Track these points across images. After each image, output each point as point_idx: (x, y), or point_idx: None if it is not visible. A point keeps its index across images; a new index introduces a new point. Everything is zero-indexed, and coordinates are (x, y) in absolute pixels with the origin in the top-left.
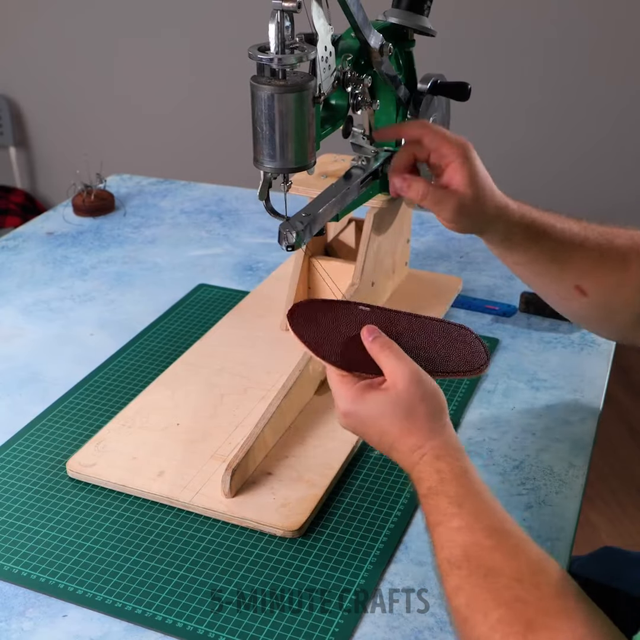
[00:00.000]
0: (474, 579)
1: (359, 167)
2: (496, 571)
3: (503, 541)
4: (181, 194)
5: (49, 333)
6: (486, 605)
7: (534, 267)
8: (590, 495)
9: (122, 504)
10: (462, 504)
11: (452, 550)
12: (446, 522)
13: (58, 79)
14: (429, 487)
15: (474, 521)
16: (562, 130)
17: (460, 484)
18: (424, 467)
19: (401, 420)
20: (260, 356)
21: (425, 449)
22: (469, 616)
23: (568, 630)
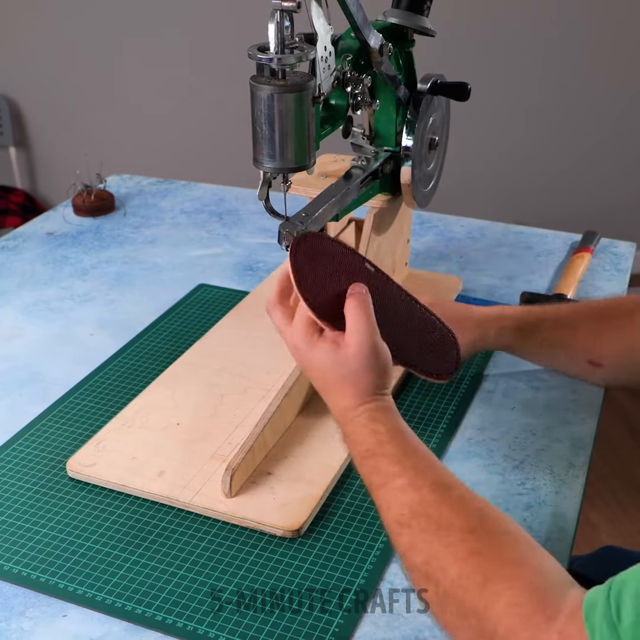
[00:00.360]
0: (426, 536)
1: (358, 167)
2: (447, 525)
3: (447, 494)
4: (181, 194)
5: (49, 333)
6: (444, 561)
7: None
8: (590, 495)
9: (122, 504)
10: (402, 462)
11: (399, 509)
12: (389, 483)
13: (58, 79)
14: (367, 449)
15: (416, 478)
16: (562, 130)
17: (398, 444)
18: (359, 428)
19: (342, 381)
20: (260, 356)
21: (360, 410)
22: (429, 573)
23: (524, 577)
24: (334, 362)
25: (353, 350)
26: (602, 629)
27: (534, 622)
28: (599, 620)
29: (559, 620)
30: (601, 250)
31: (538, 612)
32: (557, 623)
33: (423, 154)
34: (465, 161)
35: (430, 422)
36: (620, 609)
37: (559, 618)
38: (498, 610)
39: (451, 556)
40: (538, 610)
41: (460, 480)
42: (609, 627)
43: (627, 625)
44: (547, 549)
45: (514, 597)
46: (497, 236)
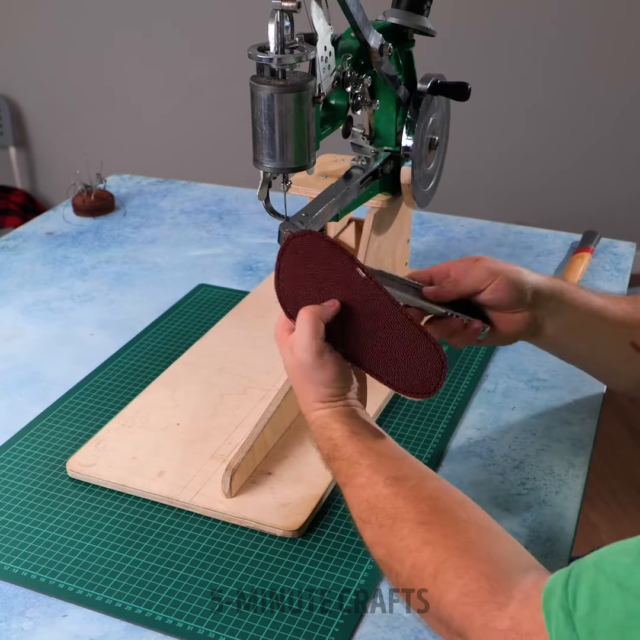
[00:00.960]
0: (384, 530)
1: (359, 167)
2: (401, 517)
3: (401, 487)
4: (181, 194)
5: (49, 333)
6: (400, 553)
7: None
8: (590, 495)
9: (122, 504)
10: (359, 462)
11: (360, 506)
12: (350, 482)
13: (58, 79)
14: (327, 454)
15: (372, 475)
16: (562, 130)
17: (353, 446)
18: (316, 435)
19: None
20: (260, 356)
21: (312, 417)
22: (390, 566)
23: (473, 566)
24: (289, 365)
25: (295, 362)
26: (558, 615)
27: (486, 609)
28: (555, 607)
29: (510, 606)
30: (601, 250)
31: (489, 599)
32: (508, 609)
33: (423, 154)
34: (465, 161)
35: (430, 422)
36: (576, 597)
37: (510, 604)
38: (451, 599)
39: (406, 548)
40: (489, 597)
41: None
42: (565, 614)
43: (582, 614)
44: (547, 549)
45: (464, 586)
46: (497, 236)
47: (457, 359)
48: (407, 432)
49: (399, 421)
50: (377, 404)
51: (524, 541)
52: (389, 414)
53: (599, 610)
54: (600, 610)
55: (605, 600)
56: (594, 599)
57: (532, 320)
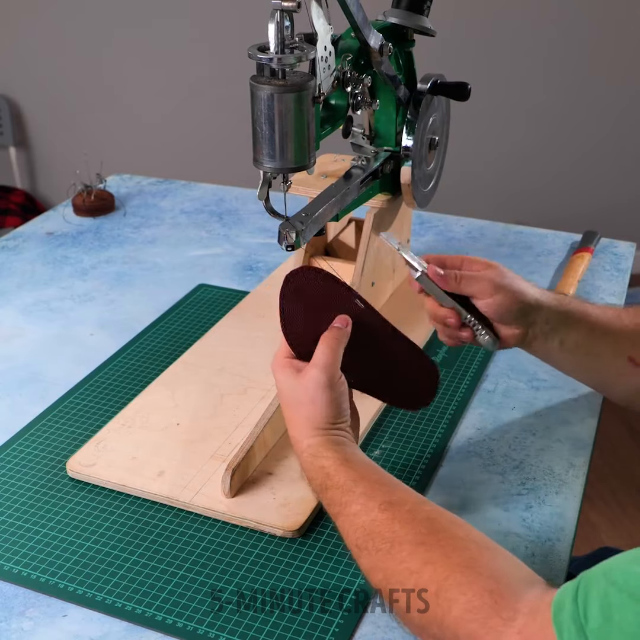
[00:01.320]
0: (382, 555)
1: (359, 167)
2: (399, 541)
3: (397, 510)
4: (181, 194)
5: (49, 333)
6: (401, 577)
7: (588, 348)
8: (590, 495)
9: (122, 504)
10: (352, 490)
11: (355, 534)
12: (344, 511)
13: (58, 79)
14: (320, 484)
15: (367, 501)
16: (562, 130)
17: (345, 474)
18: (308, 466)
19: (293, 407)
20: (260, 356)
21: (304, 445)
22: (389, 590)
23: (476, 582)
24: (289, 388)
25: (306, 380)
26: (570, 629)
27: (491, 625)
28: (567, 621)
29: (517, 620)
30: (601, 250)
31: (494, 615)
32: (515, 624)
33: (423, 154)
34: (465, 161)
35: (430, 422)
36: (587, 609)
37: (516, 618)
38: (455, 617)
39: (406, 571)
40: (494, 613)
41: (413, 493)
42: (577, 627)
43: (594, 626)
44: (547, 549)
45: (468, 602)
46: (497, 236)
47: (457, 359)
48: (407, 432)
49: (399, 421)
50: (377, 404)
51: (523, 541)
52: (389, 414)
53: (611, 621)
54: (613, 621)
55: (617, 612)
56: (605, 611)
57: (523, 337)
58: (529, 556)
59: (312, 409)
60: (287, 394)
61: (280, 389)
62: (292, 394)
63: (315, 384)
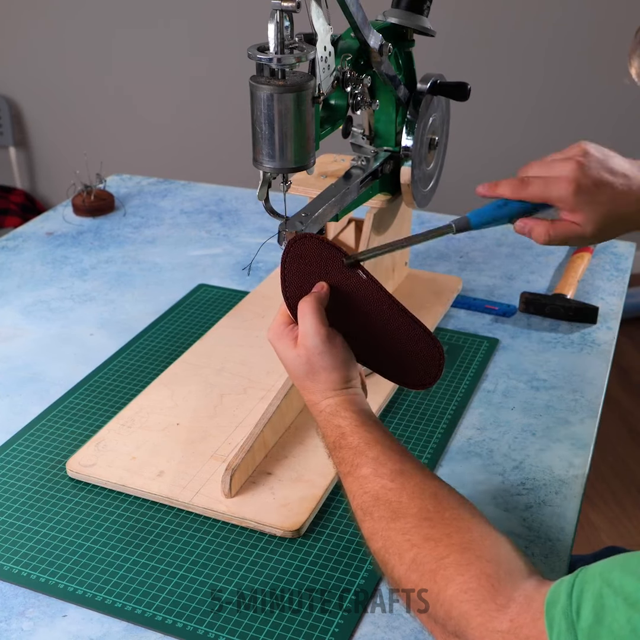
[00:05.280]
0: (385, 523)
1: (358, 167)
2: (404, 512)
3: (407, 482)
4: (181, 194)
5: (49, 333)
6: (400, 547)
7: None
8: (590, 495)
9: (122, 504)
10: (365, 453)
11: (362, 497)
12: (354, 472)
13: (58, 79)
14: (333, 441)
15: (378, 467)
16: (563, 130)
17: (360, 436)
18: (324, 423)
19: (301, 377)
20: (260, 356)
21: (322, 406)
22: (387, 559)
23: (475, 564)
24: (292, 360)
25: (302, 352)
26: (561, 624)
27: (485, 608)
28: (559, 615)
29: (510, 608)
30: (601, 250)
31: (489, 599)
32: (509, 611)
33: (423, 154)
34: (465, 161)
35: (430, 422)
36: (580, 606)
37: (510, 606)
38: (450, 596)
39: (407, 543)
40: (489, 597)
41: (422, 465)
42: (568, 623)
43: (585, 625)
44: (547, 549)
45: (465, 583)
46: (497, 236)
47: (457, 359)
48: (407, 432)
49: (399, 421)
50: (378, 403)
51: (523, 541)
52: (389, 414)
53: (603, 623)
54: (604, 623)
55: (610, 614)
56: (598, 611)
57: None
58: (529, 556)
59: (324, 375)
60: (293, 367)
61: (284, 362)
62: (297, 366)
63: (314, 353)
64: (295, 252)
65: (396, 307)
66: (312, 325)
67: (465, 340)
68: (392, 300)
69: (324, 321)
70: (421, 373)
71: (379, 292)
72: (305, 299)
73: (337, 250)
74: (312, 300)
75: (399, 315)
